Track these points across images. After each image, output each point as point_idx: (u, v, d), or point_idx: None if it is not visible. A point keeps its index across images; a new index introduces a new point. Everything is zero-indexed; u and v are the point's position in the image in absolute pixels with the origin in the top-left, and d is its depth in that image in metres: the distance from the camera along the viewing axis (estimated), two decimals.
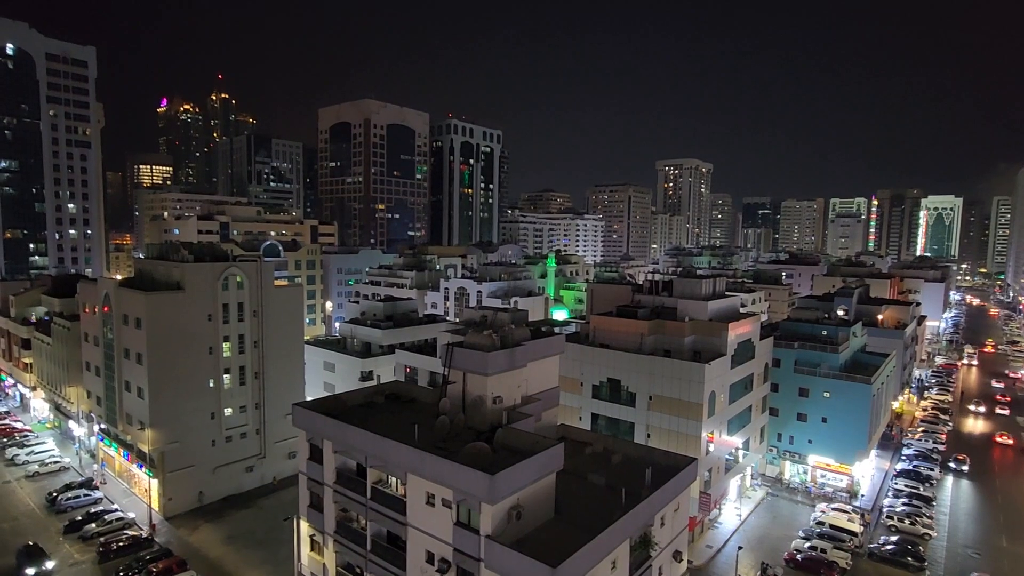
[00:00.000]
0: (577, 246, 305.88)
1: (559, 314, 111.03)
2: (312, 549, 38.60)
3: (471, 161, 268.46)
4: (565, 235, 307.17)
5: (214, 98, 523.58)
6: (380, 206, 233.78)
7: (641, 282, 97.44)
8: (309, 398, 61.99)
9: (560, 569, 25.06)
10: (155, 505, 56.45)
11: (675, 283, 64.86)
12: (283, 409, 63.11)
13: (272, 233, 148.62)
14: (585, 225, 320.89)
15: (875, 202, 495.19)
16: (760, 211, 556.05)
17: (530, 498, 29.14)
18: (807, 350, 67.65)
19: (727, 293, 67.80)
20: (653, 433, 53.47)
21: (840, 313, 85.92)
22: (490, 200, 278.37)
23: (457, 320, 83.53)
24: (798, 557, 49.90)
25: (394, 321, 77.63)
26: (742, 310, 67.82)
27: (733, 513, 58.75)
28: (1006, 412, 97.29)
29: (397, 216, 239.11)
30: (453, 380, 35.71)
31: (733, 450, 58.70)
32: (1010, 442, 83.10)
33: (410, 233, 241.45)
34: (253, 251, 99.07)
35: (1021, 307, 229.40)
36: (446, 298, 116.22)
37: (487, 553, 27.40)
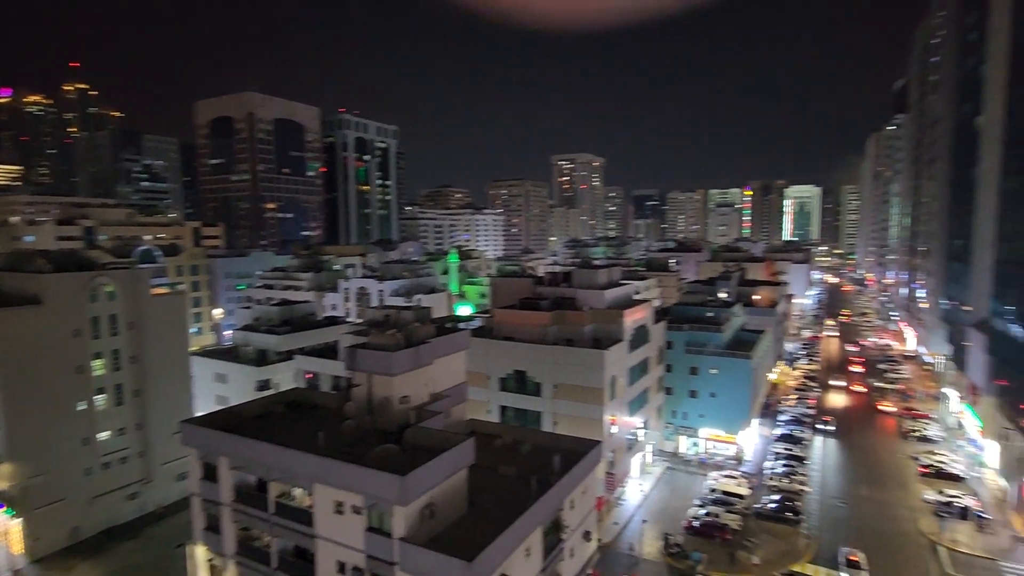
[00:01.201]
0: (478, 241, 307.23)
1: (463, 310, 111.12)
2: (211, 575, 36.09)
3: (366, 157, 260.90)
4: (465, 230, 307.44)
5: (69, 89, 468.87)
6: (270, 205, 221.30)
7: (542, 275, 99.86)
8: (199, 414, 57.65)
9: (475, 563, 25.28)
10: (18, 548, 50.09)
11: (574, 274, 67.14)
12: (170, 428, 58.20)
13: (148, 237, 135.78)
14: (485, 220, 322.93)
15: (748, 192, 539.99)
16: (649, 203, 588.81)
17: (443, 495, 29.10)
18: (696, 331, 72.70)
19: (622, 282, 71.16)
20: (559, 421, 55.15)
21: (723, 296, 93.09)
22: (388, 197, 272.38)
23: (359, 321, 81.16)
24: (695, 524, 53.69)
25: (291, 325, 74.04)
26: (636, 297, 71.52)
27: (637, 489, 62.06)
28: (860, 370, 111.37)
29: (290, 215, 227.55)
30: (358, 383, 34.76)
31: (634, 430, 61.92)
32: (863, 389, 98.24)
33: (305, 233, 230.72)
34: (126, 258, 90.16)
35: (867, 283, 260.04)
36: (346, 299, 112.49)
37: (402, 556, 27.06)
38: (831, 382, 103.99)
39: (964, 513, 55.11)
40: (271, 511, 32.08)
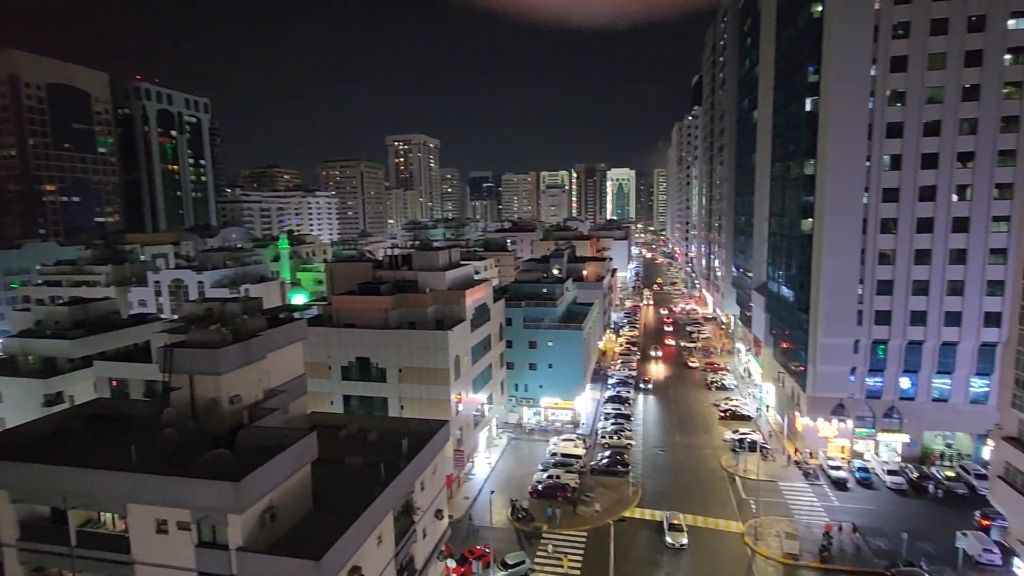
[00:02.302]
0: (311, 225, 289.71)
1: (298, 298, 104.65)
2: None
3: (173, 133, 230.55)
4: (296, 214, 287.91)
5: None
6: (50, 187, 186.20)
7: (381, 258, 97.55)
8: None
9: (324, 561, 24.48)
10: None
11: (414, 256, 66.69)
12: None
13: None
14: (318, 203, 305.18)
15: (575, 174, 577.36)
16: (484, 184, 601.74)
17: (285, 495, 27.59)
18: (532, 307, 76.64)
19: (462, 262, 72.31)
20: (406, 404, 54.96)
21: (556, 272, 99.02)
22: (203, 178, 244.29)
23: (175, 317, 72.58)
24: (539, 487, 57.29)
25: (87, 327, 63.67)
26: (476, 277, 73.27)
27: (484, 463, 64.32)
28: (671, 329, 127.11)
29: (77, 199, 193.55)
30: (177, 385, 31.28)
31: (479, 406, 63.88)
32: (675, 348, 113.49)
33: (99, 220, 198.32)
34: None
35: (676, 256, 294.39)
36: (158, 293, 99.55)
37: (241, 566, 25.24)
38: (649, 345, 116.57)
39: (753, 446, 65.71)
40: (74, 543, 27.85)
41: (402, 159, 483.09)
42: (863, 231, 60.29)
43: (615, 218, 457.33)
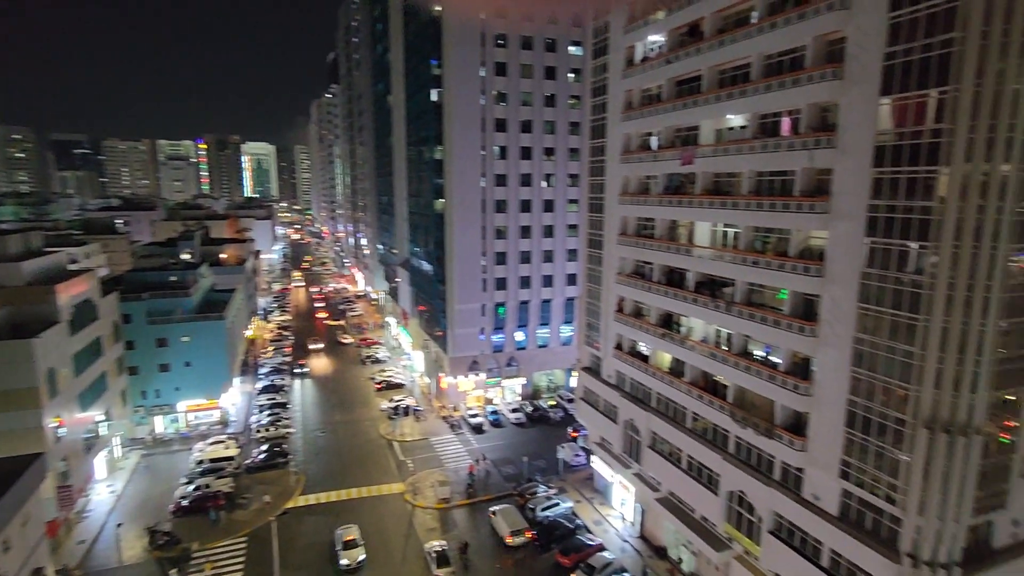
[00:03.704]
0: None
1: None
2: None
3: None
4: None
5: None
6: None
7: None
8: None
9: None
10: None
11: None
12: None
13: None
14: None
15: (202, 146, 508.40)
16: (77, 150, 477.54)
17: None
18: (159, 299, 65.68)
19: (49, 249, 56.84)
20: None
21: (187, 257, 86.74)
22: None
23: None
24: (184, 503, 50.39)
25: None
26: (73, 267, 58.60)
27: (107, 492, 53.04)
28: (325, 313, 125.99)
29: None
30: None
31: (92, 425, 52.09)
32: (329, 327, 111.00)
33: None
34: None
35: (324, 235, 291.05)
36: None
37: None
38: (303, 328, 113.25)
39: (406, 411, 71.10)
40: None
41: None
42: (483, 210, 70.50)
43: (255, 196, 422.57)
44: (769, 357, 34.81)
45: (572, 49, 71.07)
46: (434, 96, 70.99)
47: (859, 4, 27.35)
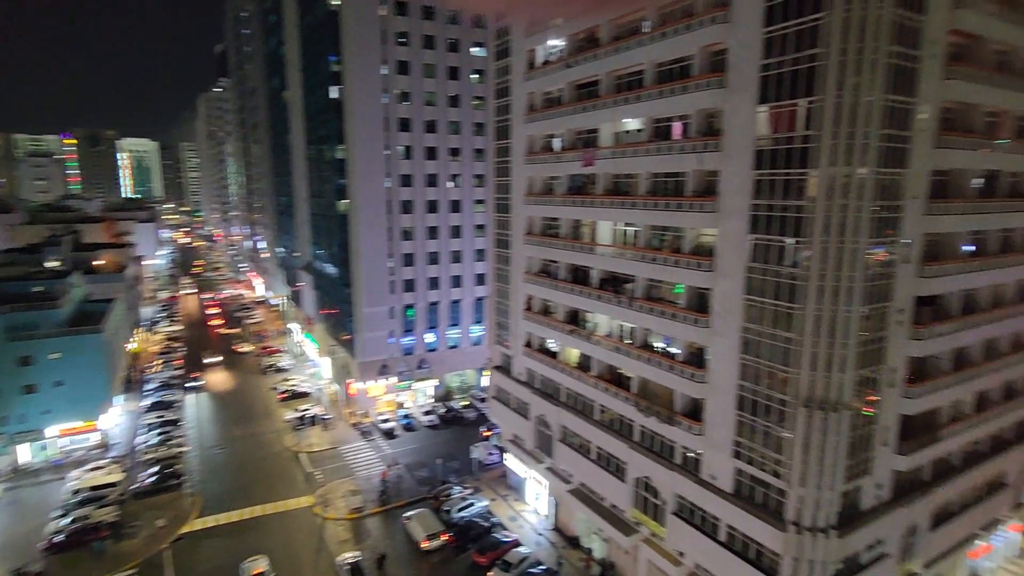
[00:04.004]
0: None
1: None
2: None
3: None
4: None
5: None
6: None
7: None
8: None
9: None
10: None
11: None
12: None
13: None
14: None
15: (70, 142, 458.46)
16: None
17: None
18: (20, 312, 58.65)
19: None
20: None
21: (54, 265, 78.17)
22: None
23: None
24: (57, 539, 45.35)
25: None
26: None
27: None
28: (220, 321, 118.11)
29: None
30: None
31: None
32: (224, 337, 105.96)
33: None
34: None
35: (216, 238, 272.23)
36: None
37: None
38: (195, 339, 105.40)
39: (313, 420, 68.24)
40: None
41: None
42: (388, 211, 69.05)
43: (136, 196, 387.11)
44: (668, 348, 36.86)
45: (475, 50, 71.29)
46: (334, 93, 68.54)
47: (738, 18, 29.61)
